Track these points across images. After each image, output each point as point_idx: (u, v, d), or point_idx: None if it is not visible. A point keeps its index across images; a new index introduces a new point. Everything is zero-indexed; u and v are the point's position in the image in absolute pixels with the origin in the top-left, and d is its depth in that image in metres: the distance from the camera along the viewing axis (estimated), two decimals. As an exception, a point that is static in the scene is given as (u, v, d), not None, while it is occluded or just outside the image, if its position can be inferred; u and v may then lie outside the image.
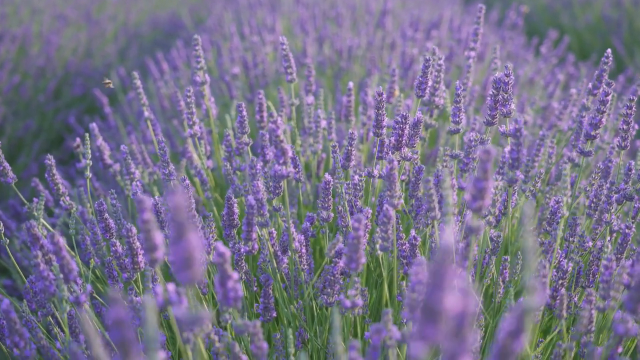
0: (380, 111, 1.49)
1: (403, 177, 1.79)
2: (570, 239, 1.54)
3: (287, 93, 2.49)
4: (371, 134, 2.14)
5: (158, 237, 1.01)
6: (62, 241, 1.15)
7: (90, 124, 1.94)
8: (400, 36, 3.18)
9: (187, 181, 1.48)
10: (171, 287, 1.08)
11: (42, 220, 1.67)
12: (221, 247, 1.07)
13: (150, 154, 2.42)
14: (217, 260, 1.07)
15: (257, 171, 1.39)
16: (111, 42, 5.38)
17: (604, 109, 1.35)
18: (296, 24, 3.58)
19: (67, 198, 1.74)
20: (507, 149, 1.28)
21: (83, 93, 4.50)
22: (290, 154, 1.31)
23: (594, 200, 1.61)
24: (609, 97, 1.35)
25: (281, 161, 1.31)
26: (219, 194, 2.12)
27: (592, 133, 1.36)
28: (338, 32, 3.35)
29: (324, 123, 2.02)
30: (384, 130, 1.51)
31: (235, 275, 1.08)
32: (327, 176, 1.45)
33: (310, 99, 2.09)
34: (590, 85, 1.77)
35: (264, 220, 1.40)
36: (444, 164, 1.73)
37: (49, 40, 4.52)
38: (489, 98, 1.47)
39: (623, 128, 1.45)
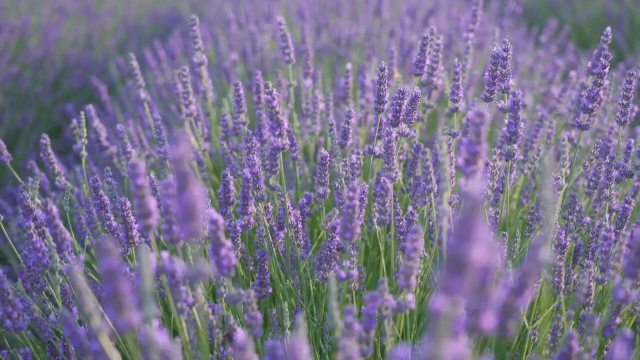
0: (382, 86, 1.47)
1: (401, 157, 1.78)
2: (570, 217, 1.53)
3: (285, 77, 2.48)
4: (370, 117, 2.13)
5: (152, 203, 1.00)
6: (55, 209, 1.14)
7: (86, 106, 1.93)
8: (399, 25, 3.17)
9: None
10: (165, 254, 1.06)
11: (36, 200, 1.66)
12: (214, 214, 1.06)
13: (148, 139, 2.40)
14: (210, 228, 1.06)
15: (253, 144, 1.38)
16: (110, 36, 5.37)
17: (602, 82, 1.34)
18: (295, 14, 3.57)
19: (63, 178, 1.74)
20: (506, 121, 1.27)
21: (82, 85, 4.49)
22: (286, 125, 1.30)
23: (593, 178, 1.60)
24: (606, 70, 1.34)
25: (277, 133, 1.30)
26: (216, 178, 2.11)
27: (590, 106, 1.35)
28: (337, 21, 3.33)
29: (321, 106, 2.01)
30: (386, 106, 1.49)
31: (228, 243, 1.06)
32: (324, 151, 1.44)
33: (308, 82, 2.08)
34: (589, 64, 1.76)
35: (259, 194, 1.39)
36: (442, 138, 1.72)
37: (48, 33, 4.51)
38: (487, 73, 1.46)
39: (623, 103, 1.44)
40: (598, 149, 1.48)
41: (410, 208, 1.45)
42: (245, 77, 2.89)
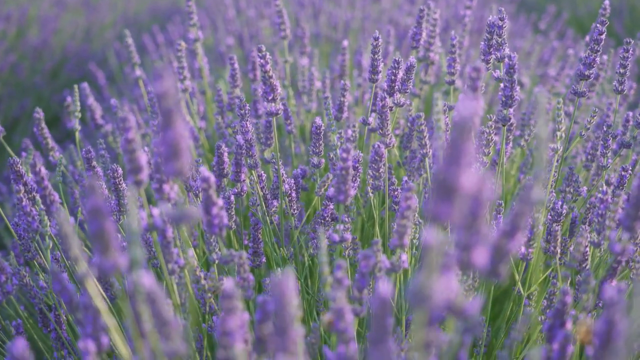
0: (375, 56, 1.46)
1: (397, 132, 1.77)
2: (567, 189, 1.52)
3: (281, 56, 2.47)
4: (366, 96, 2.12)
5: (142, 158, 0.98)
6: (44, 171, 1.13)
7: (81, 84, 1.92)
8: (397, 11, 3.16)
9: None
10: (156, 210, 1.05)
11: (29, 174, 1.64)
12: (205, 171, 1.05)
13: (145, 122, 2.39)
14: (201, 186, 1.05)
15: (246, 112, 1.37)
16: (110, 28, 5.36)
17: (598, 48, 1.33)
18: (293, 2, 3.56)
19: (57, 153, 1.72)
20: (501, 85, 1.26)
21: (80, 76, 4.47)
22: (279, 90, 1.29)
23: (591, 152, 1.59)
24: (603, 36, 1.33)
25: (270, 97, 1.29)
26: (211, 157, 2.10)
27: (586, 73, 1.34)
28: (335, 9, 3.32)
29: (318, 84, 2.00)
30: (380, 76, 1.48)
31: (219, 201, 1.05)
32: (318, 120, 1.42)
33: (305, 60, 2.07)
34: (587, 38, 1.75)
35: (253, 161, 1.37)
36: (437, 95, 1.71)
37: (47, 24, 4.50)
38: (482, 43, 1.44)
39: (620, 72, 1.42)
40: (596, 118, 1.47)
41: (405, 178, 1.44)
42: (242, 62, 2.88)
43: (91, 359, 0.86)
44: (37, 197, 1.19)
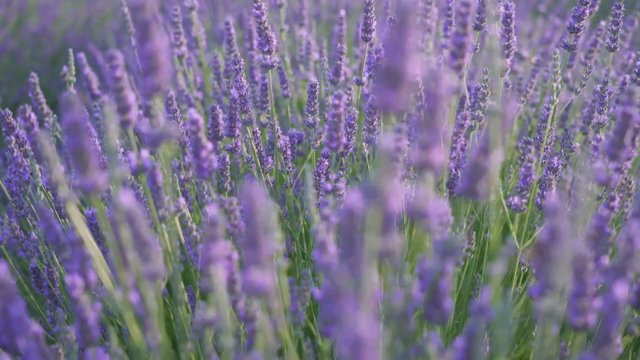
0: (368, 14, 1.45)
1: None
2: (562, 150, 1.51)
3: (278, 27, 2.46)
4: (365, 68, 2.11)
5: (130, 97, 0.97)
6: (34, 117, 1.12)
7: (78, 54, 1.92)
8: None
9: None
10: (144, 152, 1.04)
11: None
12: (194, 113, 1.04)
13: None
14: (190, 129, 1.04)
15: (241, 66, 1.36)
16: (110, 19, 5.36)
17: (587, 0, 1.31)
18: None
19: (51, 119, 1.72)
20: (499, 34, 1.25)
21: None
22: (275, 42, 1.28)
23: (587, 117, 1.58)
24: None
25: (265, 49, 1.28)
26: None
27: (576, 25, 1.32)
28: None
29: (315, 55, 1.99)
30: (373, 34, 1.47)
31: (209, 145, 1.05)
32: (313, 78, 1.41)
33: (303, 31, 2.06)
34: None
35: (247, 117, 1.37)
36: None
37: (46, 11, 4.50)
38: (477, 0, 1.43)
39: (612, 29, 1.41)
40: (590, 74, 1.45)
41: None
42: (242, 41, 2.87)
43: (78, 292, 0.85)
44: (28, 149, 1.19)
